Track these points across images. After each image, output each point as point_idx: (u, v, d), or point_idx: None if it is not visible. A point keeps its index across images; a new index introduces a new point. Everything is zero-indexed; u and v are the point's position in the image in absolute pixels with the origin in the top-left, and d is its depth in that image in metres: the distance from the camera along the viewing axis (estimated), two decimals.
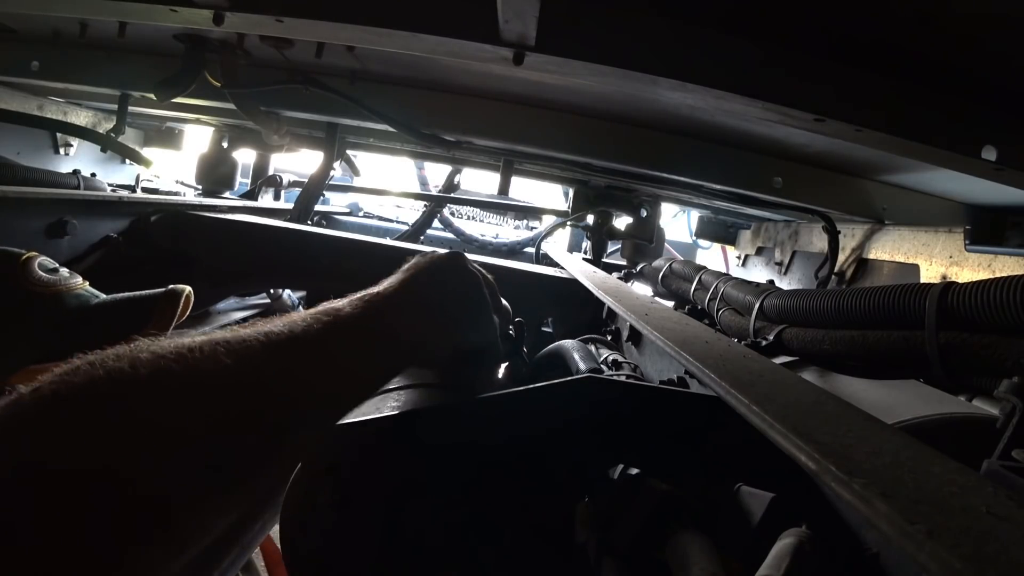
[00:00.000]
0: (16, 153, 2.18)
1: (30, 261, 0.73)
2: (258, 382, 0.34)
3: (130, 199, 1.57)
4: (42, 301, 0.73)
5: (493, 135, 1.93)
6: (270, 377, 0.35)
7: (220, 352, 0.33)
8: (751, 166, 1.87)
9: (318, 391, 0.38)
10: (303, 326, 0.39)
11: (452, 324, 0.52)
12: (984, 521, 0.26)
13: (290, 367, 0.36)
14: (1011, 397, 0.46)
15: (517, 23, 1.00)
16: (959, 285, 0.64)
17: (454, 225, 2.96)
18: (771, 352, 0.84)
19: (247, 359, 0.34)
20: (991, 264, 1.51)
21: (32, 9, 1.50)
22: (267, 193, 2.69)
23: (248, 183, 2.75)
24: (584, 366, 0.82)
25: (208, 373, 0.32)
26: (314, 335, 0.39)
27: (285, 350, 0.36)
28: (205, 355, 0.32)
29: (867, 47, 1.05)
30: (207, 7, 1.12)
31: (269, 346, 0.36)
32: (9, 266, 0.72)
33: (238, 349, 0.34)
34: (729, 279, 1.23)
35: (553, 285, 1.41)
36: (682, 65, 1.08)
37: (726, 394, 0.45)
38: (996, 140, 1.12)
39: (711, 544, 0.36)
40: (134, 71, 1.89)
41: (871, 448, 0.34)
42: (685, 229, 3.85)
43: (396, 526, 0.46)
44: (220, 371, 0.32)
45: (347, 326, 0.42)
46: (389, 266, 0.79)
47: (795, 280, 2.37)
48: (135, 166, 2.68)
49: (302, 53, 1.51)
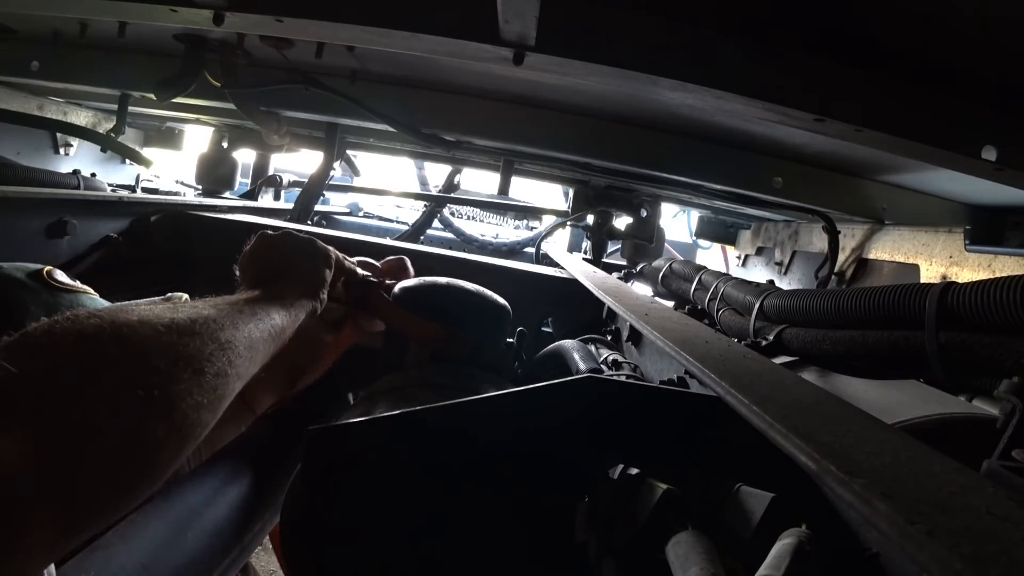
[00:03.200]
0: (16, 153, 2.18)
1: (53, 271, 0.81)
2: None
3: (130, 199, 1.57)
4: (67, 298, 0.78)
5: (493, 135, 1.93)
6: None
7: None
8: (751, 166, 1.87)
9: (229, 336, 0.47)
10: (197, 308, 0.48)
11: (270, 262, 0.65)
12: (984, 521, 0.26)
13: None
14: (1011, 397, 0.46)
15: (517, 23, 1.00)
16: (959, 285, 0.64)
17: (454, 225, 2.96)
18: (771, 352, 0.84)
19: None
20: (991, 264, 1.51)
21: (32, 9, 1.50)
22: (267, 193, 2.69)
23: (248, 183, 2.75)
24: (584, 366, 0.82)
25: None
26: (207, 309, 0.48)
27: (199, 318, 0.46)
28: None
29: (867, 47, 1.05)
30: (207, 7, 1.12)
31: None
32: (37, 272, 0.79)
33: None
34: (729, 279, 1.23)
35: (553, 285, 1.41)
36: (682, 65, 1.08)
37: (726, 394, 0.45)
38: (996, 140, 1.12)
39: (711, 544, 0.36)
40: (134, 71, 1.89)
41: (871, 448, 0.34)
42: (685, 229, 3.86)
43: (396, 526, 0.46)
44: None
45: (229, 299, 0.54)
46: None
47: (795, 280, 2.37)
48: (135, 166, 2.68)
49: (302, 53, 1.51)
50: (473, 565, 0.46)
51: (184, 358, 0.41)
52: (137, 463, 0.37)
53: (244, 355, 0.47)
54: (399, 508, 0.46)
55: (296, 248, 0.68)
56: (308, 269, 0.67)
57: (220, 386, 0.43)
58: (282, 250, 0.67)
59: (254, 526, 0.68)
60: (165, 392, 0.38)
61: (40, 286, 0.77)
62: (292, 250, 0.68)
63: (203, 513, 0.59)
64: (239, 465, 0.68)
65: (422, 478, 0.46)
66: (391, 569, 0.46)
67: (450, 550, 0.46)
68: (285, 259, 0.66)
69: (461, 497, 0.46)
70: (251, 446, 0.71)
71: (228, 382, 0.45)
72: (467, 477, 0.46)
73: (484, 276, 0.96)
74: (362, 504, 0.45)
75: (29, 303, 0.74)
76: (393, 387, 0.67)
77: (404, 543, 0.46)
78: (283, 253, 0.67)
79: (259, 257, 0.66)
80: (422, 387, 0.66)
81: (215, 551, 0.59)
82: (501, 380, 0.73)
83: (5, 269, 0.77)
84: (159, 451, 0.38)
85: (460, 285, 0.80)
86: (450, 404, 0.47)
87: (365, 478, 0.45)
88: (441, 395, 0.59)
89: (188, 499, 0.58)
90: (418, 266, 0.88)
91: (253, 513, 0.67)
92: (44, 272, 0.79)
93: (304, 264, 0.67)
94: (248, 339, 0.49)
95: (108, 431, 0.35)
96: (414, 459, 0.46)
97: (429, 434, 0.46)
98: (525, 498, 0.46)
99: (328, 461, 0.46)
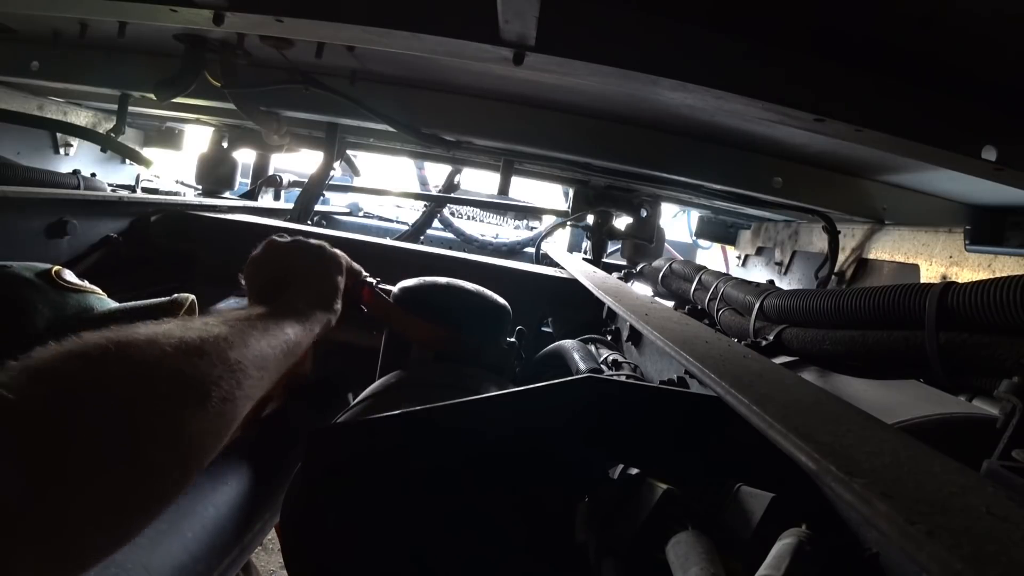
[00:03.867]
0: (16, 153, 2.18)
1: (62, 271, 0.82)
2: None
3: (130, 199, 1.57)
4: (75, 298, 0.79)
5: (493, 135, 1.93)
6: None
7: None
8: (751, 166, 1.87)
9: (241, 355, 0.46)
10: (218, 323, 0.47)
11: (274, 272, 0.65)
12: (984, 521, 0.26)
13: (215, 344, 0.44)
14: (1011, 397, 0.46)
15: (517, 23, 1.00)
16: (959, 285, 0.64)
17: (454, 225, 2.96)
18: (771, 352, 0.84)
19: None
20: (991, 264, 1.51)
21: (32, 9, 1.50)
22: (267, 193, 2.69)
23: (248, 183, 2.74)
24: (584, 366, 0.82)
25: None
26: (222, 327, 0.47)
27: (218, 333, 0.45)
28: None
29: (867, 47, 1.05)
30: (207, 7, 1.12)
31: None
32: (46, 271, 0.79)
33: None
34: (729, 279, 1.23)
35: (553, 285, 1.41)
36: (682, 65, 1.08)
37: (726, 394, 0.45)
38: (996, 140, 1.12)
39: (711, 544, 0.36)
40: (134, 71, 1.89)
41: (871, 448, 0.34)
42: (685, 229, 3.86)
43: (396, 526, 0.46)
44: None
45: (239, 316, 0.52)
46: (389, 266, 0.79)
47: (795, 280, 2.37)
48: (135, 166, 2.68)
49: (302, 53, 1.51)
50: (473, 564, 0.46)
51: (191, 381, 0.40)
52: (138, 492, 0.36)
53: (254, 375, 0.46)
54: (399, 508, 0.46)
55: (308, 256, 0.67)
56: (321, 278, 0.65)
57: (228, 411, 0.42)
58: (293, 258, 0.66)
59: (254, 526, 0.68)
60: (169, 418, 0.37)
61: (48, 286, 0.77)
62: (303, 258, 0.66)
63: (203, 513, 0.59)
64: (239, 465, 0.68)
65: (422, 478, 0.46)
66: (391, 568, 0.46)
67: (450, 550, 0.46)
68: (296, 268, 0.64)
69: (461, 497, 0.46)
70: (251, 446, 0.71)
71: (236, 406, 0.43)
72: (467, 477, 0.46)
73: (484, 276, 0.96)
74: (362, 504, 0.45)
75: (37, 302, 0.74)
76: (393, 387, 0.67)
77: (404, 542, 0.46)
78: (294, 261, 0.65)
79: (269, 266, 0.65)
80: (422, 387, 0.66)
81: (215, 551, 0.59)
82: (502, 380, 0.73)
83: (14, 268, 0.77)
84: (161, 479, 0.37)
85: (460, 285, 0.80)
86: (450, 404, 0.47)
87: (365, 478, 0.45)
88: (441, 395, 0.59)
89: (188, 499, 0.58)
90: (418, 266, 0.88)
91: (253, 513, 0.67)
92: (53, 272, 0.79)
93: (317, 273, 0.65)
94: (260, 357, 0.47)
95: (107, 459, 0.34)
96: (414, 459, 0.46)
97: (429, 434, 0.46)
98: (525, 498, 0.46)
99: (328, 461, 0.46)
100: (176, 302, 0.82)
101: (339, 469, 0.46)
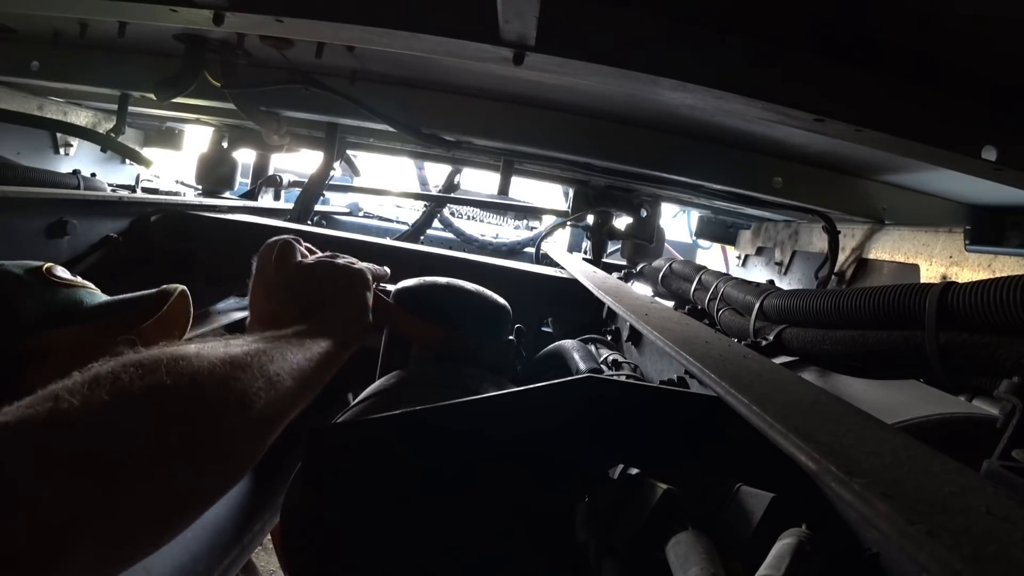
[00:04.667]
0: (16, 153, 2.18)
1: (53, 267, 0.82)
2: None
3: (130, 199, 1.57)
4: (64, 292, 0.79)
5: (493, 135, 1.93)
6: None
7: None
8: (751, 166, 1.87)
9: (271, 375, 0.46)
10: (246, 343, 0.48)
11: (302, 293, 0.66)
12: (984, 521, 0.26)
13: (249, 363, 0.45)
14: (1011, 397, 0.46)
15: (517, 23, 1.00)
16: (959, 285, 0.64)
17: (454, 225, 2.96)
18: (771, 352, 0.84)
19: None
20: (991, 264, 1.51)
21: (32, 9, 1.50)
22: (267, 193, 2.69)
23: (248, 183, 2.75)
24: (584, 366, 0.82)
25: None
26: (254, 346, 0.48)
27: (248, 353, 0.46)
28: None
29: (867, 47, 1.05)
30: (207, 7, 1.12)
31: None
32: (36, 268, 0.80)
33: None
34: (729, 279, 1.23)
35: (553, 285, 1.41)
36: (682, 65, 1.08)
37: (726, 394, 0.45)
38: (996, 140, 1.12)
39: (711, 544, 0.36)
40: (134, 71, 1.89)
41: (871, 448, 0.34)
42: (685, 229, 3.86)
43: (396, 526, 0.46)
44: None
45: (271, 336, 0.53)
46: (389, 266, 0.79)
47: (795, 280, 2.37)
48: (135, 166, 2.68)
49: (302, 53, 1.51)
50: (473, 565, 0.46)
51: (235, 392, 0.41)
52: (183, 497, 0.38)
53: (293, 388, 0.48)
54: (399, 508, 0.46)
55: (339, 277, 0.68)
56: (351, 296, 0.67)
57: (267, 422, 0.44)
58: (322, 280, 0.67)
59: (254, 526, 0.68)
60: (214, 427, 0.39)
61: (38, 282, 0.77)
62: (335, 279, 0.68)
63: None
64: None
65: (422, 478, 0.46)
66: (391, 569, 0.46)
67: (450, 550, 0.46)
68: (328, 288, 0.66)
69: (461, 497, 0.46)
70: None
71: (277, 417, 0.45)
72: (467, 477, 0.46)
73: (484, 276, 0.96)
74: (362, 504, 0.45)
75: (26, 298, 0.75)
76: (393, 387, 0.67)
77: (404, 543, 0.46)
78: (323, 283, 0.67)
79: (300, 289, 0.66)
80: (422, 387, 0.66)
81: (215, 551, 0.59)
82: (502, 380, 0.73)
83: (6, 266, 0.78)
84: (204, 485, 0.40)
85: (460, 285, 0.79)
86: (450, 404, 0.47)
87: (365, 478, 0.45)
88: (441, 395, 0.59)
89: None
90: (418, 266, 0.88)
91: (253, 513, 0.67)
92: (44, 269, 0.80)
93: (346, 293, 0.67)
94: (298, 370, 0.49)
95: (160, 465, 0.35)
96: (414, 459, 0.46)
97: (429, 434, 0.46)
98: (525, 498, 0.46)
99: (328, 461, 0.46)
100: (164, 292, 0.83)
101: (339, 469, 0.46)
